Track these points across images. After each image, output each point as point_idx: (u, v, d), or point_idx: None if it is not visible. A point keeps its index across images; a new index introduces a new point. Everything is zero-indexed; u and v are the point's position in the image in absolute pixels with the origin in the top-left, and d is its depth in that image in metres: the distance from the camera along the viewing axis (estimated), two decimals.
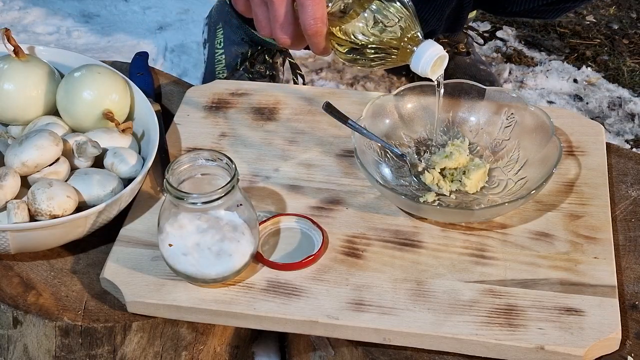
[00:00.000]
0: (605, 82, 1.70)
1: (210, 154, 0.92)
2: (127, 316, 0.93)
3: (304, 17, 0.93)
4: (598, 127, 1.14)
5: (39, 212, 0.94)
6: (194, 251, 0.90)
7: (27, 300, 0.94)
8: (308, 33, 0.94)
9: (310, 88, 1.22)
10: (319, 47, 0.96)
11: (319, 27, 0.93)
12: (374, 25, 0.94)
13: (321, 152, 1.10)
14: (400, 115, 1.10)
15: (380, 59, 0.95)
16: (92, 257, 1.00)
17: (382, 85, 1.65)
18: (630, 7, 1.92)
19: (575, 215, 1.01)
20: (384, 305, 0.91)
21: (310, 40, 0.95)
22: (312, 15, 0.93)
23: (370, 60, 0.95)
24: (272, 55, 1.54)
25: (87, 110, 1.05)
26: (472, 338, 0.88)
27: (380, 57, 0.95)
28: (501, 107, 1.09)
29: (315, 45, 0.96)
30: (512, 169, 1.06)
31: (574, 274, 0.95)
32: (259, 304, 0.91)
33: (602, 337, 0.88)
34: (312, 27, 0.93)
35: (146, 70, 1.23)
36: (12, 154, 0.97)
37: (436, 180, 1.04)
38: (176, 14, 1.82)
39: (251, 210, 0.92)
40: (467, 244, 0.98)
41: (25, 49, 1.09)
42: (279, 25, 0.95)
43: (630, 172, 1.10)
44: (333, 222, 1.01)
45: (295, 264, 0.95)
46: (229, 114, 1.16)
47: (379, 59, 0.95)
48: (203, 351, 0.99)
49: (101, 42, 1.73)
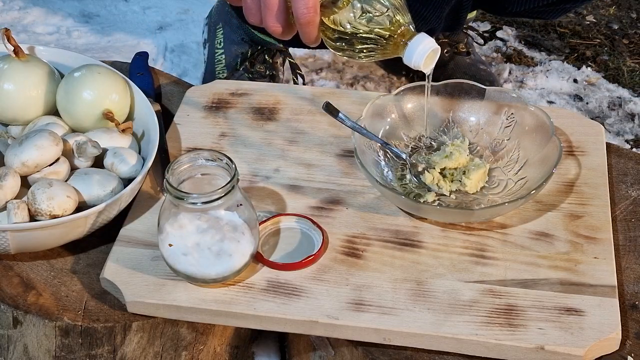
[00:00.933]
0: (605, 82, 1.70)
1: (210, 154, 0.92)
2: (127, 316, 0.93)
3: (297, 6, 0.92)
4: (598, 127, 1.14)
5: (39, 212, 0.94)
6: (194, 251, 0.90)
7: (27, 300, 0.94)
8: (300, 22, 0.93)
9: (310, 88, 1.22)
10: (311, 37, 0.95)
11: (311, 16, 0.93)
12: (363, 14, 0.93)
13: (321, 152, 1.10)
14: (400, 115, 1.10)
15: (370, 50, 0.95)
16: (92, 257, 1.00)
17: (382, 85, 1.65)
18: (630, 7, 1.92)
19: (575, 215, 1.01)
20: (384, 305, 0.91)
21: (302, 29, 0.94)
22: (305, 4, 0.92)
23: (359, 51, 0.95)
24: (272, 55, 1.54)
25: (87, 110, 1.05)
26: (472, 338, 0.88)
27: (370, 48, 0.94)
28: (501, 107, 1.09)
29: (306, 35, 0.95)
30: (512, 169, 1.06)
31: (574, 274, 0.95)
32: (259, 304, 0.91)
33: (602, 337, 0.88)
34: (305, 15, 0.93)
35: (146, 70, 1.23)
36: (12, 154, 0.97)
37: (436, 180, 1.04)
38: (176, 14, 1.82)
39: (251, 210, 0.92)
40: (467, 244, 0.98)
41: (25, 49, 1.09)
42: (271, 13, 0.94)
43: (630, 172, 1.10)
44: (333, 222, 1.01)
45: (295, 264, 0.95)
46: (229, 114, 1.16)
47: (369, 50, 0.95)
48: (203, 351, 0.99)
49: (101, 42, 1.73)
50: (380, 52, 0.95)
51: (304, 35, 0.95)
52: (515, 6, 1.43)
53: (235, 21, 1.54)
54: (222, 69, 1.55)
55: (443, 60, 1.57)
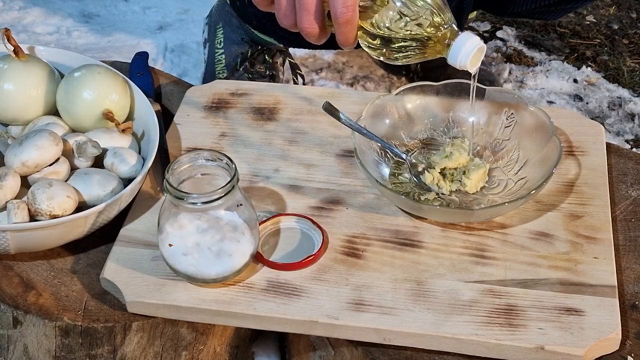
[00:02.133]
0: (605, 82, 1.70)
1: (210, 154, 0.92)
2: (127, 316, 0.93)
3: (336, 4, 0.90)
4: (598, 127, 1.14)
5: (39, 212, 0.94)
6: (194, 251, 0.90)
7: (27, 300, 0.94)
8: (339, 21, 0.91)
9: (310, 88, 1.22)
10: (349, 37, 0.93)
11: (350, 15, 0.91)
12: (403, 16, 0.91)
13: (321, 152, 1.10)
14: (400, 115, 1.10)
15: (410, 51, 0.92)
16: (92, 257, 1.00)
17: (382, 85, 1.65)
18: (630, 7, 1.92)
19: (575, 215, 1.01)
20: (384, 305, 0.91)
21: (340, 28, 0.92)
22: (344, 3, 0.90)
23: (397, 51, 0.93)
24: (272, 55, 1.54)
25: (87, 110, 1.05)
26: (472, 338, 0.88)
27: (411, 48, 0.92)
28: (501, 107, 1.09)
29: (344, 35, 0.92)
30: (512, 169, 1.06)
31: (574, 274, 0.95)
32: (259, 304, 0.91)
33: (602, 337, 0.88)
34: (344, 14, 0.90)
35: (146, 70, 1.23)
36: (12, 154, 0.97)
37: (436, 180, 1.04)
38: (176, 14, 1.82)
39: (251, 210, 0.92)
40: (467, 244, 0.98)
41: (25, 49, 1.09)
42: (308, 14, 0.92)
43: (630, 172, 1.10)
44: (333, 222, 1.01)
45: (295, 264, 0.95)
46: (229, 114, 1.16)
47: (409, 51, 0.93)
48: (203, 351, 0.99)
49: (101, 42, 1.73)
50: (420, 53, 0.93)
51: (341, 35, 0.93)
52: (515, 7, 1.43)
53: (235, 21, 1.54)
54: (222, 69, 1.55)
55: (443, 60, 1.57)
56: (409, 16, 0.91)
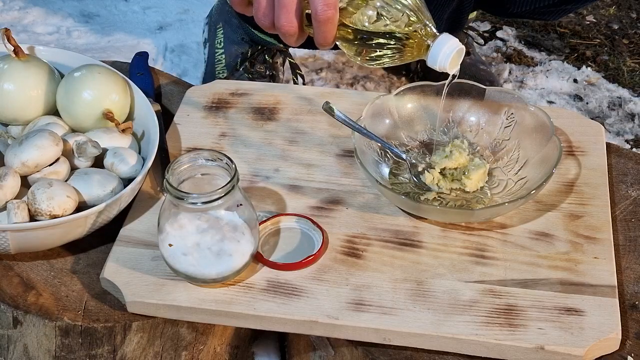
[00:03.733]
0: (605, 82, 1.70)
1: (210, 154, 0.92)
2: (127, 316, 0.93)
3: (316, 2, 0.90)
4: (598, 127, 1.14)
5: (39, 212, 0.94)
6: (194, 251, 0.90)
7: (27, 300, 0.94)
8: (320, 19, 0.90)
9: (310, 88, 1.22)
10: (328, 37, 0.92)
11: (331, 13, 0.90)
12: (382, 15, 0.91)
13: (321, 152, 1.10)
14: (400, 115, 1.10)
15: (388, 52, 0.92)
16: (92, 257, 1.00)
17: (382, 85, 1.65)
18: (630, 7, 1.92)
19: (575, 215, 1.01)
20: (384, 305, 0.91)
21: (320, 27, 0.91)
22: (325, 1, 0.90)
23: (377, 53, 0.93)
24: (272, 55, 1.54)
25: (87, 110, 1.05)
26: (472, 338, 0.88)
27: (389, 50, 0.92)
28: (501, 107, 1.09)
29: (323, 34, 0.92)
30: (512, 169, 1.06)
31: (574, 274, 0.95)
32: (259, 304, 0.91)
33: (602, 337, 0.88)
34: (325, 12, 0.90)
35: (146, 70, 1.23)
36: (12, 154, 0.97)
37: (436, 180, 1.04)
38: (176, 14, 1.82)
39: (251, 210, 0.92)
40: (467, 244, 0.98)
41: (25, 49, 1.09)
42: (287, 11, 0.92)
43: (630, 172, 1.10)
44: (333, 222, 1.01)
45: (295, 264, 0.95)
46: (229, 114, 1.16)
47: (387, 51, 0.92)
48: (203, 351, 0.99)
49: (101, 42, 1.73)
50: (398, 54, 0.93)
51: (320, 35, 0.92)
52: (516, 7, 1.43)
53: (235, 21, 1.54)
54: (222, 69, 1.55)
55: None
56: (387, 16, 0.91)
